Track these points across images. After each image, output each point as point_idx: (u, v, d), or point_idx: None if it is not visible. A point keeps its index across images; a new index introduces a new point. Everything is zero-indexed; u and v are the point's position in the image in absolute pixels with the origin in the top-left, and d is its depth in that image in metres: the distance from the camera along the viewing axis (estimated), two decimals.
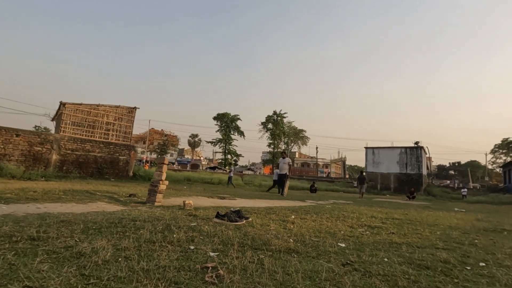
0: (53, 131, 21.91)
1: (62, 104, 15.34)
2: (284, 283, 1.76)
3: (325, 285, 1.76)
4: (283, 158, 12.17)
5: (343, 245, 2.96)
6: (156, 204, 5.62)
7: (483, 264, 2.52)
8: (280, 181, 12.00)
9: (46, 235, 2.36)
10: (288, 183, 12.17)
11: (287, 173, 11.86)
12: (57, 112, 16.95)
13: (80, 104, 15.95)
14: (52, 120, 19.36)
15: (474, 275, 2.18)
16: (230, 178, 20.47)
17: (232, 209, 4.25)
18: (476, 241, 3.74)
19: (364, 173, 19.61)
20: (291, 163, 12.08)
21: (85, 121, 16.11)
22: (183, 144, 72.92)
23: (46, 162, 13.55)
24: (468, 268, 2.37)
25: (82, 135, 15.75)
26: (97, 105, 16.39)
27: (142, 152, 52.31)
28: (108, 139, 16.58)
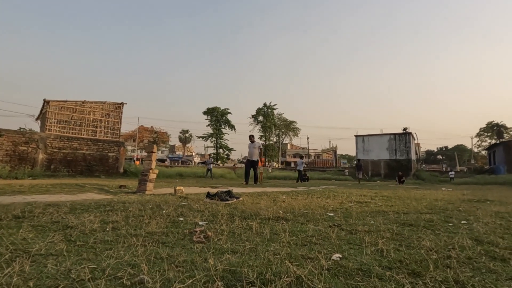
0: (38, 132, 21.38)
1: (46, 102, 14.95)
2: (271, 239, 1.79)
3: (311, 239, 1.81)
4: (252, 142, 10.77)
5: (332, 214, 3.02)
6: (147, 193, 5.58)
7: (465, 222, 2.62)
8: (252, 168, 10.73)
9: (32, 214, 2.33)
10: (262, 170, 10.89)
11: (258, 159, 10.73)
12: (41, 110, 16.52)
13: (65, 102, 15.58)
14: (37, 119, 18.86)
15: (455, 229, 2.26)
16: (209, 170, 18.58)
17: (222, 189, 4.27)
18: (460, 208, 3.88)
19: (360, 161, 20.51)
20: (262, 147, 10.87)
21: (71, 119, 15.76)
22: (174, 140, 72.34)
23: (33, 161, 13.25)
24: (450, 224, 2.46)
25: (69, 133, 15.42)
26: (83, 102, 16.04)
27: (133, 150, 51.64)
28: (96, 136, 16.28)
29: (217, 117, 53.88)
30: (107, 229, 1.94)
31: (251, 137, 11.00)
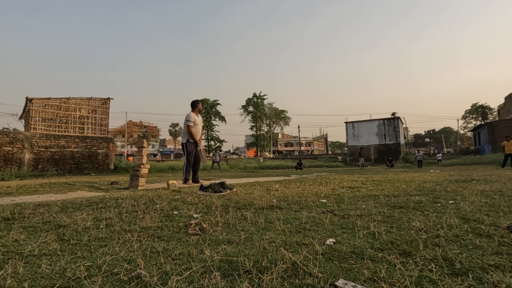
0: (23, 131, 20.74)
1: (29, 100, 14.46)
2: (266, 227, 1.82)
3: (305, 225, 1.84)
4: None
5: (325, 200, 3.07)
6: (139, 188, 5.54)
7: (452, 201, 2.70)
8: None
9: (22, 215, 2.29)
10: (189, 160, 6.12)
11: (188, 142, 6.04)
12: (24, 109, 15.99)
13: (49, 99, 15.10)
14: (20, 118, 18.26)
15: (443, 209, 2.34)
16: (216, 162, 18.44)
17: (216, 181, 4.27)
18: (447, 188, 3.99)
19: (362, 149, 22.51)
20: (191, 122, 5.93)
21: (57, 116, 15.34)
22: (164, 134, 71.57)
23: (19, 162, 12.92)
24: (439, 205, 2.54)
25: (55, 131, 15.03)
26: (67, 99, 15.58)
27: (122, 146, 50.87)
28: (83, 133, 15.94)
29: (207, 109, 53.35)
30: (101, 226, 1.92)
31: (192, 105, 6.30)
